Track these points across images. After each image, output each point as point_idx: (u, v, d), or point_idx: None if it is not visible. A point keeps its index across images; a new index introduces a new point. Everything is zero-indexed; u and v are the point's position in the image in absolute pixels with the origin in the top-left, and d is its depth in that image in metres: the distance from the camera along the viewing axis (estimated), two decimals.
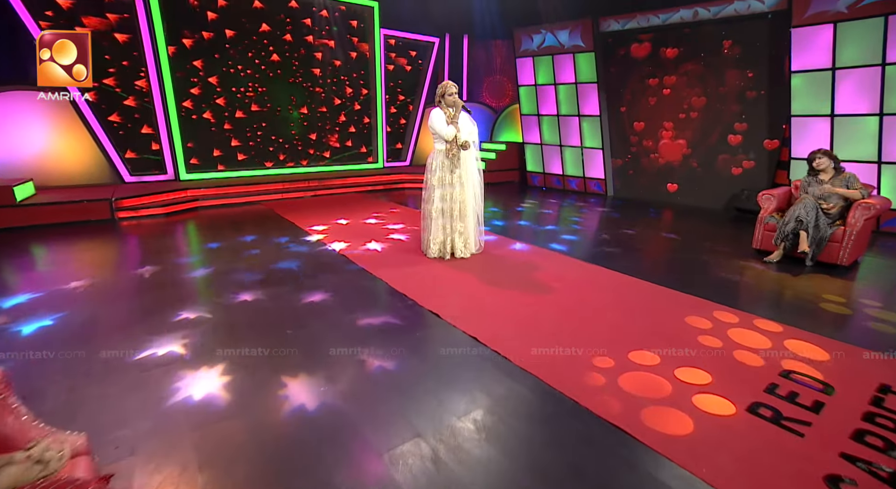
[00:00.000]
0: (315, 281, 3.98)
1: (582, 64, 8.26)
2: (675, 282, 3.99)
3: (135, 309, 3.38)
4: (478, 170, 4.56)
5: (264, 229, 5.81)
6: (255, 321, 3.20)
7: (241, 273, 4.15)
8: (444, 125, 4.28)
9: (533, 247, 5.09)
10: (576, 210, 7.37)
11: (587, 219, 6.82)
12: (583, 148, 8.66)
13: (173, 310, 3.33)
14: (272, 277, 4.05)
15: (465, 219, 4.47)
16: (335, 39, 8.67)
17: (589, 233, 5.90)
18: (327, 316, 3.29)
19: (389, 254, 4.73)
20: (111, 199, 6.06)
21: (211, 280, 3.97)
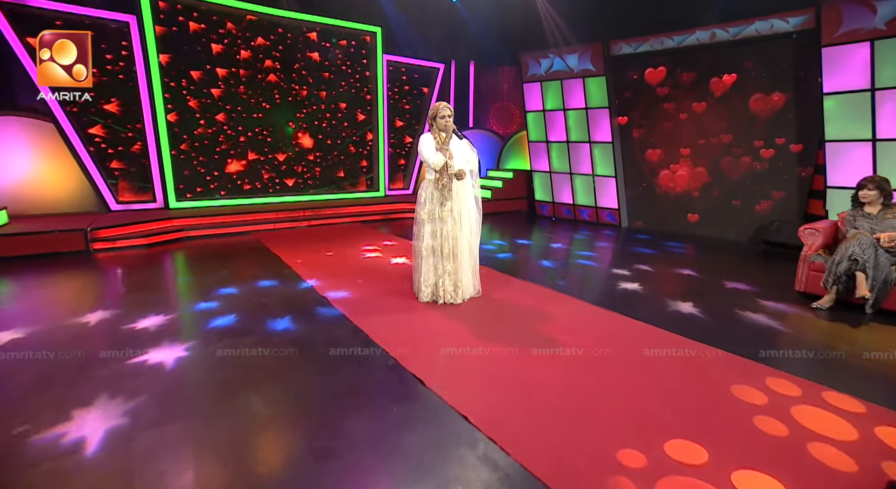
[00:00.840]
0: (281, 335, 3.36)
1: (592, 88, 7.76)
2: (709, 334, 3.30)
3: (38, 378, 2.77)
4: (475, 203, 3.96)
5: (245, 264, 5.24)
6: (180, 389, 2.57)
7: (202, 320, 3.55)
8: (433, 151, 3.71)
9: (538, 287, 4.43)
10: (587, 242, 6.72)
11: (600, 252, 6.16)
12: (594, 176, 8.06)
13: (84, 378, 2.72)
14: (236, 327, 3.44)
15: (457, 259, 3.83)
16: (335, 65, 8.32)
17: (602, 269, 5.23)
18: (287, 376, 2.66)
19: (376, 296, 4.11)
20: (86, 230, 5.58)
21: (159, 331, 3.37)
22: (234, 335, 3.23)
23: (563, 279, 4.74)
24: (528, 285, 4.46)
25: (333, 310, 3.76)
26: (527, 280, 4.63)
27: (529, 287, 4.42)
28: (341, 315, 3.63)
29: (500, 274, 4.85)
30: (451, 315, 3.62)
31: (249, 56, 7.48)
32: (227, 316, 3.58)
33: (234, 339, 3.16)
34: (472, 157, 3.91)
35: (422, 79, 9.57)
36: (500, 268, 5.06)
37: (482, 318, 3.57)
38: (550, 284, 4.50)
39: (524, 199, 9.54)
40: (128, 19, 6.58)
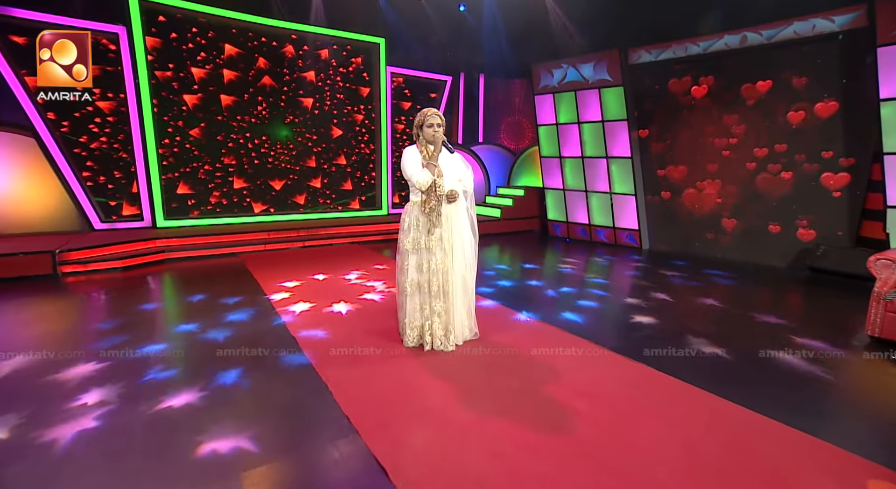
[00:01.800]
0: (225, 394, 2.69)
1: (609, 99, 7.06)
2: (762, 397, 2.51)
3: None
4: (470, 229, 3.25)
5: (219, 291, 4.62)
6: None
7: (137, 371, 2.91)
8: (418, 168, 3.04)
9: (546, 325, 3.68)
10: (604, 267, 5.94)
11: (618, 279, 5.38)
12: (612, 194, 7.31)
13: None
14: (173, 383, 2.78)
15: (449, 297, 3.11)
16: (335, 78, 7.82)
17: (621, 300, 4.45)
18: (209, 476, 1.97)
19: (357, 336, 3.41)
20: (54, 252, 5.06)
21: (78, 386, 2.74)
22: (165, 392, 2.58)
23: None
24: (534, 324, 3.71)
25: (301, 356, 3.08)
26: (534, 314, 3.89)
27: (535, 326, 3.67)
28: (308, 364, 2.95)
29: (503, 307, 4.12)
30: (439, 368, 2.90)
31: (244, 67, 7.02)
32: (170, 367, 2.92)
33: (163, 400, 2.50)
34: (466, 174, 3.23)
35: (428, 92, 9.02)
36: (504, 300, 4.33)
37: (476, 373, 2.84)
38: (558, 318, 3.75)
39: (536, 217, 8.81)
40: (117, 30, 6.20)
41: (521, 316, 3.90)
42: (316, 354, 3.09)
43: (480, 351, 3.16)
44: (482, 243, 7.50)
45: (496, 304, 4.21)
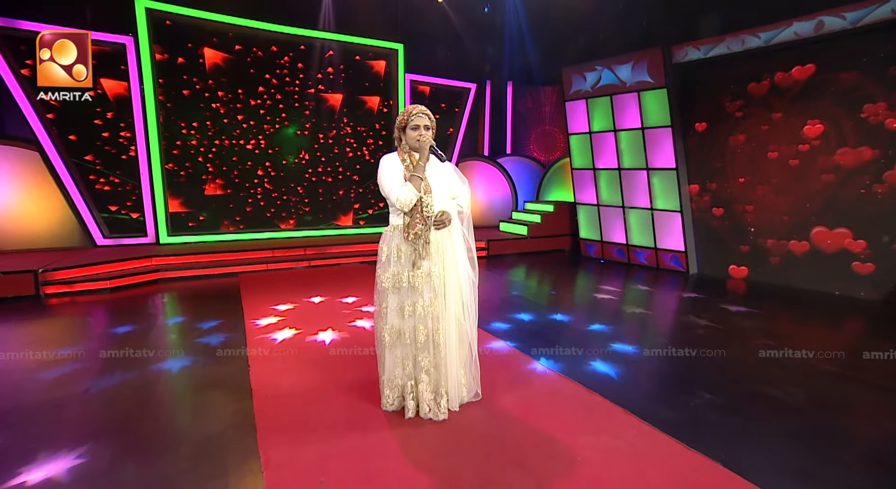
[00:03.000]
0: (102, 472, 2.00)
1: (650, 104, 6.13)
2: None
3: None
4: (468, 258, 2.46)
5: (197, 317, 4.04)
6: None
7: (47, 438, 2.29)
8: (398, 182, 2.30)
9: (569, 381, 2.81)
10: (644, 296, 4.98)
11: (663, 314, 4.41)
12: (653, 210, 6.31)
13: None
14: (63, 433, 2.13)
15: (440, 350, 2.33)
16: (351, 86, 7.29)
17: (667, 344, 3.50)
18: None
19: (329, 391, 2.68)
20: (36, 271, 4.66)
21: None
22: (27, 460, 1.92)
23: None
24: (554, 379, 2.86)
25: (244, 411, 2.38)
26: (555, 363, 3.04)
27: (555, 382, 2.82)
28: (251, 429, 2.24)
29: (518, 352, 3.29)
30: (421, 448, 2.11)
31: (253, 77, 6.60)
32: (78, 446, 2.28)
33: (19, 473, 1.85)
34: (461, 190, 2.47)
35: (451, 100, 8.35)
36: (521, 340, 3.49)
37: (470, 461, 2.03)
38: (584, 366, 2.88)
39: (567, 236, 7.88)
40: (125, 41, 5.91)
41: (539, 365, 3.05)
42: (270, 414, 2.38)
43: (481, 422, 2.35)
44: (505, 265, 6.75)
45: (510, 347, 3.38)
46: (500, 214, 8.78)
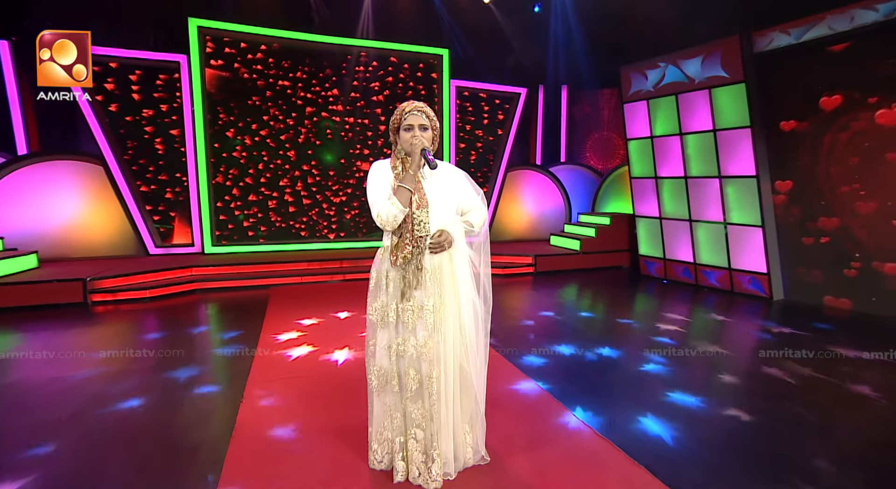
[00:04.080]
0: None
1: (724, 102, 5.25)
2: None
3: None
4: (475, 288, 1.96)
5: (210, 338, 3.87)
6: None
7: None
8: (382, 194, 1.87)
9: (609, 444, 2.19)
10: (716, 328, 4.13)
11: (738, 351, 3.58)
12: (727, 224, 5.38)
13: None
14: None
15: (437, 400, 1.85)
16: (394, 94, 7.05)
17: (742, 393, 2.74)
18: None
19: (320, 438, 2.29)
20: (85, 280, 4.78)
21: None
22: None
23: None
24: (590, 439, 2.25)
25: (214, 468, 2.04)
26: (594, 415, 2.42)
27: (591, 444, 2.21)
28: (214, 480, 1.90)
29: (549, 396, 2.70)
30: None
31: (297, 85, 6.56)
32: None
33: None
34: (472, 203, 2.02)
35: (499, 107, 7.86)
36: (555, 381, 2.90)
37: None
38: (634, 427, 2.24)
39: (626, 252, 7.03)
40: (179, 58, 6.08)
41: (573, 417, 2.46)
42: (245, 468, 2.02)
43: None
44: (553, 283, 6.05)
45: (540, 389, 2.81)
46: (552, 227, 8.10)
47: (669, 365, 3.22)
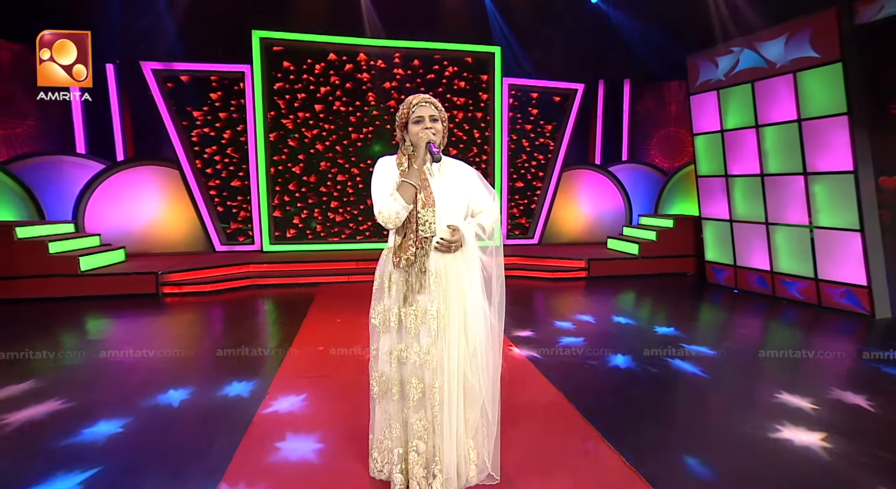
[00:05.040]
0: None
1: (813, 86, 4.49)
2: None
3: None
4: (484, 293, 1.79)
5: (270, 321, 4.02)
6: None
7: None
8: (384, 192, 1.72)
9: (641, 479, 1.86)
10: (800, 349, 3.48)
11: (830, 384, 2.96)
12: (813, 228, 4.60)
13: None
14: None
15: (437, 411, 1.69)
16: (447, 93, 6.93)
17: (833, 426, 2.24)
18: None
19: (325, 435, 2.21)
20: (157, 273, 5.19)
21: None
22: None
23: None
24: (620, 473, 1.93)
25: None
26: (628, 451, 2.09)
27: (619, 479, 1.90)
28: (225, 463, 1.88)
29: (577, 418, 2.39)
30: None
31: (351, 88, 6.68)
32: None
33: None
34: (486, 204, 1.86)
35: (554, 104, 7.46)
36: (587, 398, 2.58)
37: None
38: (673, 466, 1.89)
39: (691, 257, 6.32)
40: (243, 68, 6.45)
41: (602, 445, 2.14)
42: (247, 449, 1.99)
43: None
44: (606, 289, 5.51)
45: (571, 407, 2.50)
46: (610, 230, 7.53)
47: (726, 386, 2.75)
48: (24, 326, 4.07)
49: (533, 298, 5.18)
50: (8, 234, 4.84)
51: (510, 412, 2.40)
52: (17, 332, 3.90)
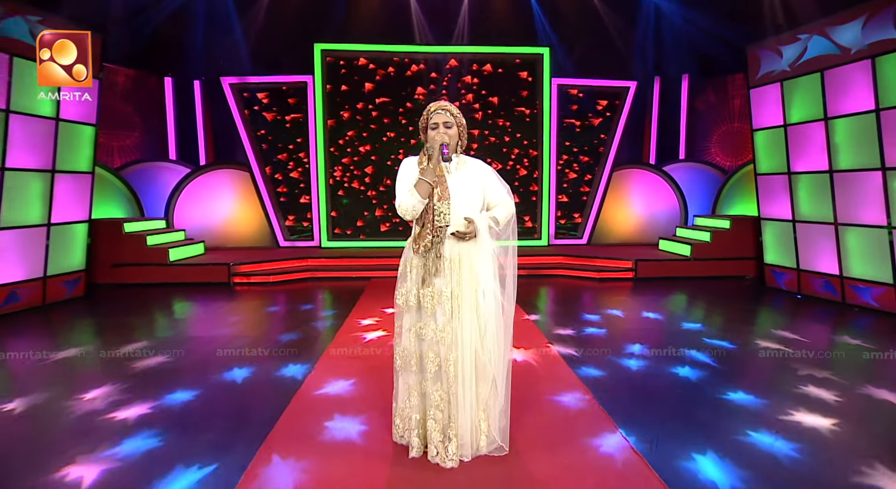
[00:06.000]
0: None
1: (893, 72, 4.03)
2: None
3: None
4: (497, 278, 1.94)
5: (324, 308, 4.40)
6: None
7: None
8: (405, 187, 1.91)
9: (649, 467, 1.85)
10: (877, 367, 3.14)
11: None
12: (892, 229, 4.11)
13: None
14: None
15: (451, 383, 1.86)
16: (496, 96, 7.00)
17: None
18: None
19: (359, 404, 2.40)
20: (229, 265, 5.75)
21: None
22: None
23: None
24: (628, 461, 1.92)
25: (277, 407, 2.27)
26: (638, 442, 2.06)
27: (626, 466, 1.89)
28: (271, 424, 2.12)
29: (597, 409, 2.39)
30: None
31: (404, 94, 6.97)
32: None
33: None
34: (501, 198, 2.02)
35: (605, 103, 7.25)
36: (610, 391, 2.56)
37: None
38: (684, 470, 1.85)
39: (750, 259, 5.87)
40: (306, 79, 6.94)
41: (618, 437, 2.12)
42: (294, 412, 2.24)
43: (493, 483, 1.77)
44: (654, 290, 5.33)
45: (588, 400, 2.50)
46: (662, 231, 7.18)
47: (762, 394, 2.58)
48: (129, 304, 4.78)
49: (576, 297, 5.11)
50: (118, 229, 5.63)
51: (532, 400, 2.46)
52: (126, 308, 4.60)
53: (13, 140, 4.21)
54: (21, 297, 4.40)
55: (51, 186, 4.60)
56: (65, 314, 4.45)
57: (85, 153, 4.94)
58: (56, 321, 4.28)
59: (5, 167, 4.17)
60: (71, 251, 4.93)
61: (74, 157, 4.82)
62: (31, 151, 4.39)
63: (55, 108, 4.54)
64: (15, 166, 4.26)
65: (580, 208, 7.42)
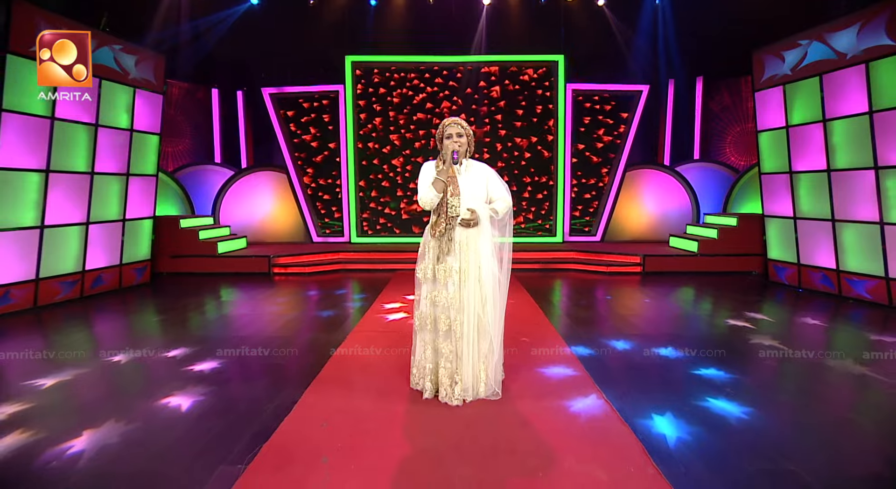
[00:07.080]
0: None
1: (885, 76, 4.24)
2: None
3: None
4: (495, 259, 2.45)
5: (354, 295, 4.94)
6: None
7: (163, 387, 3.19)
8: (424, 184, 2.42)
9: (622, 423, 2.24)
10: (868, 355, 3.41)
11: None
12: (884, 224, 4.31)
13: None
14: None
15: (458, 339, 2.36)
16: (511, 102, 7.40)
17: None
18: None
19: (382, 363, 2.91)
20: (269, 257, 6.39)
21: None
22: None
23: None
24: (605, 414, 2.33)
25: (312, 374, 2.81)
26: (616, 401, 2.47)
27: (603, 415, 2.30)
28: (306, 380, 2.65)
29: (586, 378, 2.79)
30: (416, 423, 2.22)
31: (427, 101, 7.45)
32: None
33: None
34: (499, 193, 2.50)
35: (617, 107, 7.54)
36: (597, 369, 2.96)
37: (456, 452, 1.95)
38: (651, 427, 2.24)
39: (755, 255, 6.07)
40: (338, 88, 7.53)
41: (601, 396, 2.52)
42: (330, 372, 2.78)
43: (488, 416, 2.28)
44: (660, 284, 5.69)
45: (577, 373, 2.90)
46: (674, 229, 7.42)
47: (741, 374, 2.93)
48: (188, 289, 5.49)
49: (584, 289, 5.47)
50: (175, 225, 6.36)
51: (525, 367, 2.89)
52: (187, 292, 5.31)
53: (101, 149, 4.97)
54: (105, 281, 5.17)
55: (125, 188, 5.35)
56: (136, 296, 5.18)
57: (151, 159, 5.68)
58: (130, 301, 4.99)
59: (94, 172, 4.94)
60: (139, 243, 5.68)
61: (143, 162, 5.56)
62: (113, 158, 5.14)
63: (130, 119, 5.27)
64: (102, 171, 5.04)
65: (594, 207, 7.73)
